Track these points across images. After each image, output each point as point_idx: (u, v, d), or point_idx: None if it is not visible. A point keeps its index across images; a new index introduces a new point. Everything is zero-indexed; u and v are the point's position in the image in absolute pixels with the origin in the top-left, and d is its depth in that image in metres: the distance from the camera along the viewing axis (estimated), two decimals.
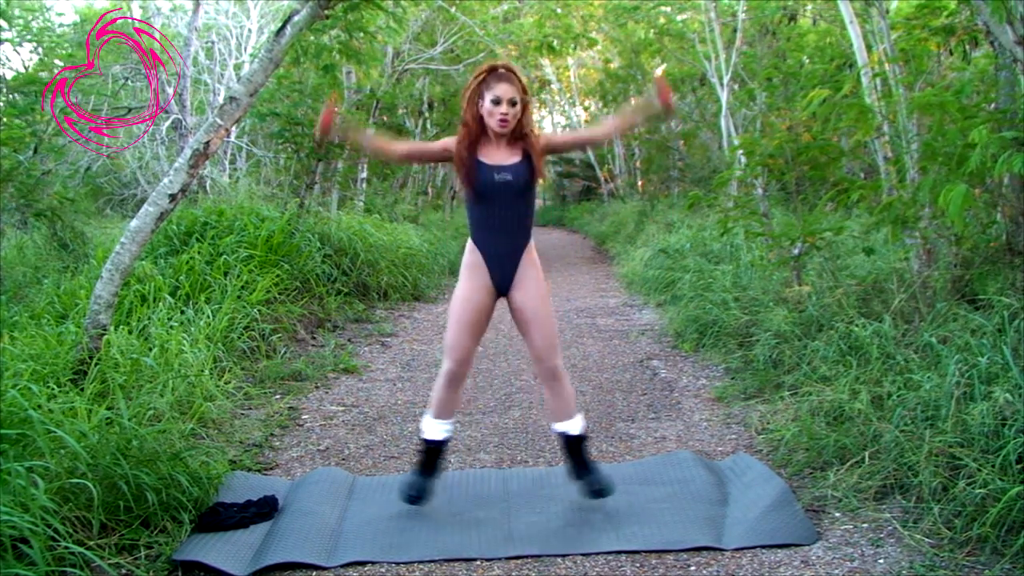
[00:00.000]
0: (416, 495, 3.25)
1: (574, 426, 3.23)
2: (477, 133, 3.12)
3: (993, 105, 4.64)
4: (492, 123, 3.07)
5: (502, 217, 3.12)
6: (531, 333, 3.16)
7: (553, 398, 3.24)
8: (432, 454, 3.31)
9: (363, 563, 2.88)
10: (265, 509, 3.25)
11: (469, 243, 3.23)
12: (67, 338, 4.31)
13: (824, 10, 11.65)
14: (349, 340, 6.76)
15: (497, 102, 3.03)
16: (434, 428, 3.28)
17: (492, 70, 3.09)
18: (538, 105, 25.80)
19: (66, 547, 2.63)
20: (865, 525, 3.00)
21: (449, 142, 3.20)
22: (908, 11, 6.07)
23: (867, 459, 3.30)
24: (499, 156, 3.11)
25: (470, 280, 3.17)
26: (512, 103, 3.04)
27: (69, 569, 2.60)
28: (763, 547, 2.88)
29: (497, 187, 3.09)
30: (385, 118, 12.05)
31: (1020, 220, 4.25)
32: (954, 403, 3.18)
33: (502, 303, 3.27)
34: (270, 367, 5.43)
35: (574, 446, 3.25)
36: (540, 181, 3.21)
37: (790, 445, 3.75)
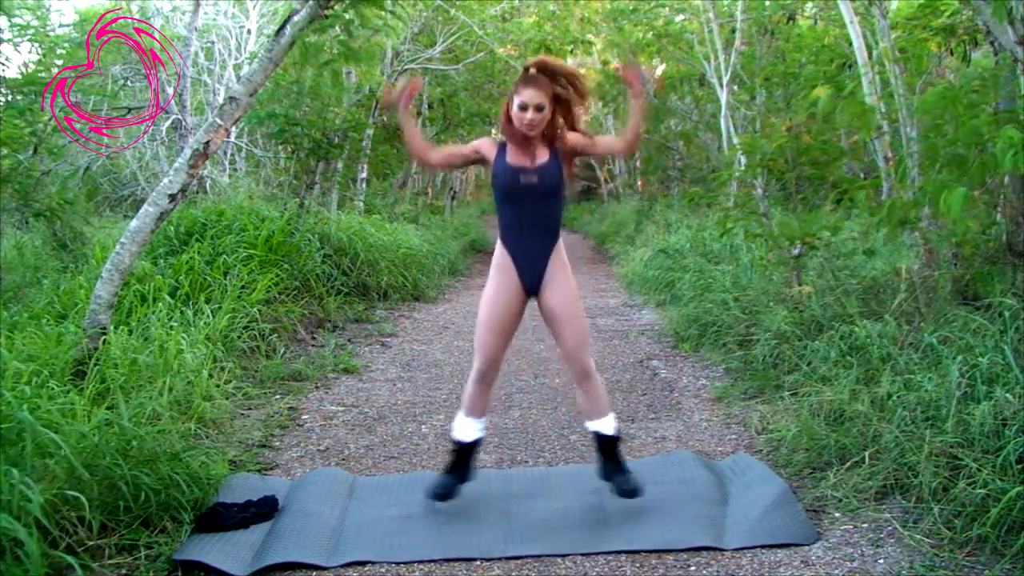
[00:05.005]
0: (443, 494, 3.24)
1: (607, 426, 3.22)
2: (508, 134, 3.15)
3: (995, 105, 4.64)
4: (520, 127, 3.09)
5: (529, 219, 3.12)
6: (563, 333, 3.16)
7: (585, 397, 3.24)
8: (463, 455, 3.31)
9: (363, 563, 2.87)
10: (265, 509, 3.25)
11: (498, 243, 3.22)
12: (67, 338, 4.30)
13: (824, 10, 11.64)
14: (349, 340, 6.76)
15: (524, 108, 3.05)
16: (466, 427, 3.28)
17: (525, 72, 3.13)
18: None
19: (66, 546, 2.63)
20: (865, 525, 3.00)
21: (480, 144, 3.25)
22: (908, 11, 6.07)
23: (867, 459, 3.30)
24: (527, 157, 3.11)
25: (499, 281, 3.17)
26: (539, 108, 3.05)
27: (66, 571, 2.60)
28: (763, 547, 2.88)
29: (522, 189, 3.10)
30: (385, 118, 12.05)
31: (1020, 220, 4.25)
32: (955, 403, 3.18)
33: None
34: (270, 367, 5.43)
35: (606, 447, 3.25)
36: (568, 182, 3.21)
37: (790, 445, 3.75)
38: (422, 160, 3.32)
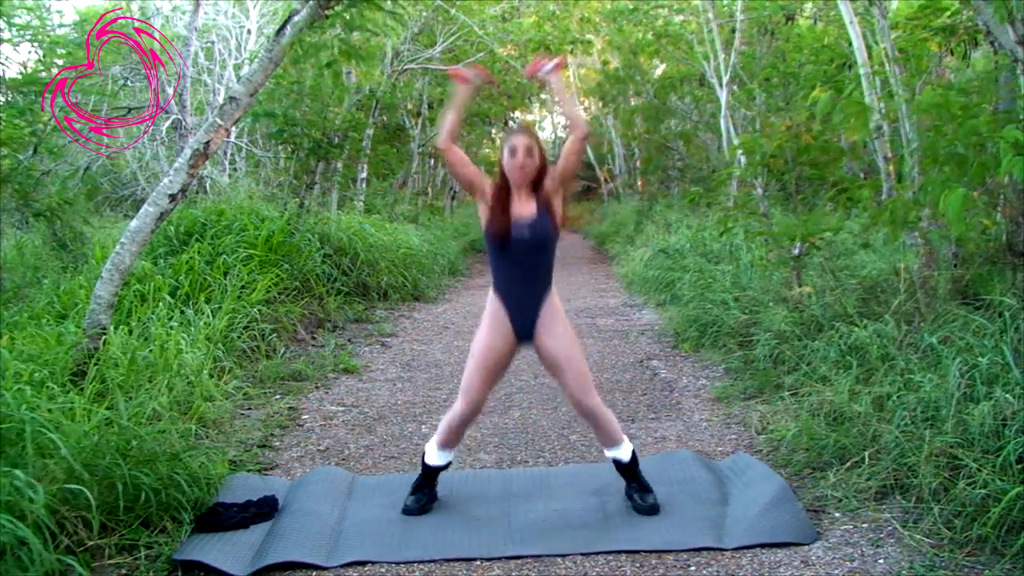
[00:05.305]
0: (417, 509, 3.29)
1: (623, 453, 3.27)
2: (506, 187, 3.17)
3: (995, 105, 4.64)
4: (511, 174, 3.14)
5: (522, 270, 3.17)
6: (563, 377, 3.19)
7: (596, 431, 3.29)
8: (432, 477, 3.36)
9: (363, 563, 2.88)
10: (265, 509, 3.25)
11: (491, 291, 3.24)
12: (67, 338, 4.30)
13: (824, 10, 11.64)
14: (349, 340, 6.76)
15: (514, 152, 3.11)
16: (436, 456, 3.33)
17: (511, 130, 3.25)
18: (538, 106, 25.80)
19: (66, 547, 2.63)
20: (865, 525, 3.00)
21: (488, 183, 3.23)
22: (908, 11, 6.07)
23: (867, 459, 3.30)
24: (519, 209, 3.15)
25: (492, 329, 3.20)
26: (529, 151, 3.12)
27: (67, 572, 2.60)
28: (763, 546, 2.88)
29: (516, 242, 3.13)
30: (385, 118, 12.04)
31: (1020, 220, 4.26)
32: (954, 404, 3.18)
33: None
34: (270, 367, 5.43)
35: (624, 470, 3.29)
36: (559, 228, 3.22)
37: (790, 445, 3.75)
38: (443, 139, 3.19)
